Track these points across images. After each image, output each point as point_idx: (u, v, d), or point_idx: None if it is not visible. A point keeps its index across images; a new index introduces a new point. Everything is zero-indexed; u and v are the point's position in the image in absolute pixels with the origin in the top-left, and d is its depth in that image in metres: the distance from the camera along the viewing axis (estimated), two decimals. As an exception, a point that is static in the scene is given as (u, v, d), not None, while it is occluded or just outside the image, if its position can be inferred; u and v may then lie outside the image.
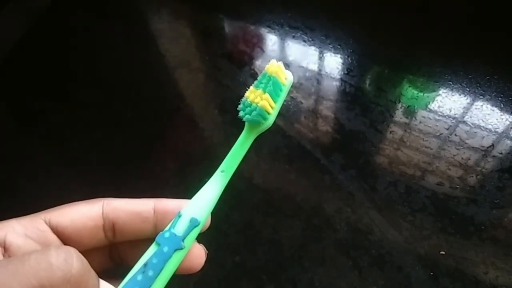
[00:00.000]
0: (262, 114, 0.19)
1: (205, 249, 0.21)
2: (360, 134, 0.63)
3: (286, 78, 0.21)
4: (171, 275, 0.19)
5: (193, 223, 0.19)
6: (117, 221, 0.19)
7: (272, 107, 0.20)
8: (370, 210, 0.56)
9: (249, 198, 0.58)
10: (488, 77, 0.66)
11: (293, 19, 0.78)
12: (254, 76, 0.71)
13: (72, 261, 0.16)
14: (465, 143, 0.61)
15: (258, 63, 0.73)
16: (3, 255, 0.17)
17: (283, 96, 0.20)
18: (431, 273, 0.50)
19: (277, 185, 0.59)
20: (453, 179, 0.58)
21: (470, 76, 0.67)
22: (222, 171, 0.21)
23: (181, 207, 0.20)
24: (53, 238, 0.19)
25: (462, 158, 0.59)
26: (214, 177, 0.20)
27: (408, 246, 0.53)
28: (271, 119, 0.20)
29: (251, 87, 0.20)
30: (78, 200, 0.20)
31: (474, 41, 0.72)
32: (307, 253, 0.53)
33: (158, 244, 0.19)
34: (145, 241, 0.20)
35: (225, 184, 0.20)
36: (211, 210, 0.20)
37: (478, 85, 0.66)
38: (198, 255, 0.21)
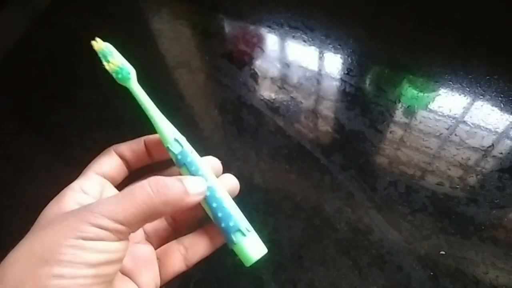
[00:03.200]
0: (124, 68, 0.28)
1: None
2: (360, 134, 0.63)
3: (106, 43, 0.29)
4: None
5: (179, 139, 0.28)
6: (127, 158, 0.30)
7: (121, 61, 0.28)
8: (370, 210, 0.56)
9: (249, 198, 0.58)
10: (488, 77, 0.66)
11: (293, 19, 0.78)
12: (254, 76, 0.71)
13: (166, 189, 0.23)
14: (465, 143, 0.61)
15: (258, 63, 0.73)
16: (89, 196, 0.26)
17: (116, 53, 0.28)
18: (431, 273, 0.50)
19: (277, 185, 0.59)
20: (453, 179, 0.58)
21: (470, 76, 0.67)
22: (147, 110, 0.29)
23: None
24: (105, 181, 0.28)
25: (462, 158, 0.59)
26: (151, 118, 0.29)
27: (408, 246, 0.53)
28: (129, 67, 0.29)
29: (104, 63, 0.28)
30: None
31: (474, 41, 0.72)
32: (307, 253, 0.53)
33: (182, 163, 0.28)
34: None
35: (159, 114, 0.29)
36: (172, 128, 0.28)
37: (478, 85, 0.66)
38: (232, 182, 0.30)
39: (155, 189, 0.22)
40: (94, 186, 0.26)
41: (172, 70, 0.76)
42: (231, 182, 0.30)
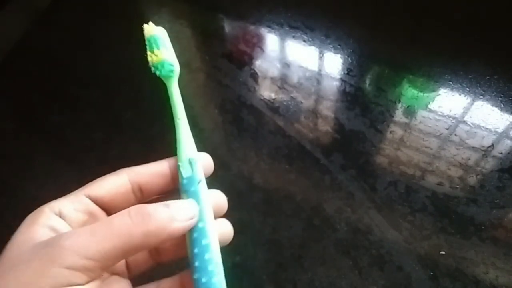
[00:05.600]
0: (169, 63, 0.25)
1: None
2: (360, 134, 0.63)
3: (161, 30, 0.25)
4: (209, 199, 0.24)
5: (192, 161, 0.24)
6: (142, 183, 0.24)
7: (170, 55, 0.25)
8: (370, 210, 0.56)
9: (249, 198, 0.58)
10: (488, 77, 0.66)
11: (293, 19, 0.78)
12: (254, 76, 0.71)
13: (148, 217, 0.20)
14: (465, 143, 0.61)
15: (258, 63, 0.73)
16: (65, 222, 0.22)
17: (169, 44, 0.25)
18: (431, 273, 0.50)
19: (277, 185, 0.59)
20: (453, 179, 0.58)
21: (470, 76, 0.67)
22: (178, 118, 0.25)
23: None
24: (95, 208, 0.23)
25: (462, 158, 0.59)
26: (177, 127, 0.25)
27: (408, 246, 0.53)
28: (176, 63, 0.25)
29: (148, 52, 0.25)
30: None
31: (474, 41, 0.72)
32: (307, 253, 0.53)
33: (186, 190, 0.24)
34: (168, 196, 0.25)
35: (187, 125, 0.25)
36: (194, 146, 0.25)
37: (478, 85, 0.66)
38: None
39: (136, 218, 0.19)
40: (76, 211, 0.22)
41: (172, 70, 0.76)
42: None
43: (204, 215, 0.23)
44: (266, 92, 0.69)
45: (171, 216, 0.21)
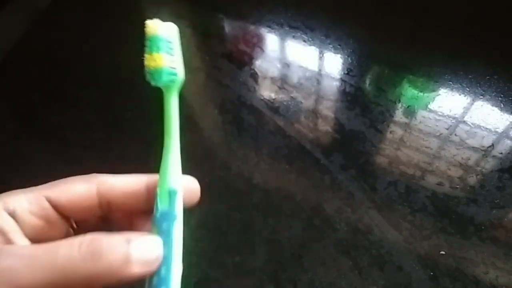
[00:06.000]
0: (170, 72, 0.20)
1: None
2: (360, 134, 0.63)
3: (170, 29, 0.21)
4: (181, 241, 0.20)
5: (173, 193, 0.20)
6: (112, 200, 0.21)
7: (173, 61, 0.20)
8: (370, 210, 0.56)
9: (249, 198, 0.58)
10: (488, 77, 0.66)
11: (293, 19, 0.78)
12: (254, 76, 0.71)
13: (99, 256, 0.17)
14: (465, 143, 0.61)
15: (258, 63, 0.73)
16: (16, 224, 0.19)
17: (176, 47, 0.21)
18: (431, 273, 0.50)
19: (277, 185, 0.59)
20: (453, 179, 0.58)
21: (470, 76, 0.67)
22: (168, 137, 0.21)
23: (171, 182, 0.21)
24: (54, 215, 0.20)
25: (462, 158, 0.59)
26: (165, 147, 0.21)
27: (408, 246, 0.53)
28: (180, 72, 0.21)
29: (146, 55, 0.20)
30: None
31: (474, 41, 0.72)
32: (307, 253, 0.53)
33: (156, 226, 0.20)
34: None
35: (177, 148, 0.21)
36: (179, 175, 0.21)
37: (478, 85, 0.66)
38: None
39: (86, 254, 0.16)
40: (31, 214, 0.19)
41: (172, 70, 0.76)
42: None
43: (171, 260, 0.19)
44: (266, 92, 0.69)
45: (127, 258, 0.17)
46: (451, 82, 0.67)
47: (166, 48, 0.20)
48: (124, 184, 0.21)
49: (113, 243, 0.17)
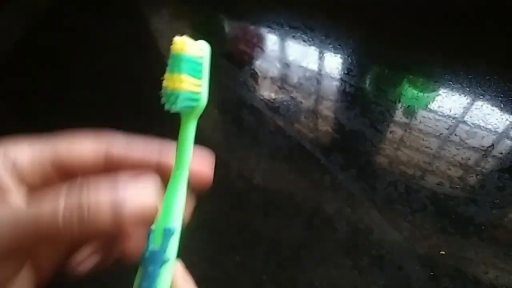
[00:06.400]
0: (190, 97, 0.18)
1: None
2: (360, 134, 0.63)
3: (201, 49, 0.18)
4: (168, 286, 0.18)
5: (168, 233, 0.18)
6: (121, 166, 0.19)
7: (197, 85, 0.18)
8: (370, 210, 0.56)
9: (249, 198, 0.58)
10: (488, 77, 0.66)
11: (293, 19, 0.78)
12: (254, 76, 0.71)
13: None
14: (465, 143, 0.61)
15: (258, 63, 0.73)
16: (13, 173, 0.17)
17: (204, 69, 0.18)
18: (431, 273, 0.50)
19: (277, 185, 0.59)
20: (453, 179, 0.58)
21: (470, 76, 0.67)
22: (178, 170, 0.19)
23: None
24: (54, 175, 0.18)
25: (462, 158, 0.59)
26: (172, 179, 0.19)
27: (408, 246, 0.53)
28: (202, 98, 0.18)
29: (166, 75, 0.18)
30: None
31: (474, 41, 0.72)
32: (307, 253, 0.53)
33: (143, 266, 0.18)
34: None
35: (185, 182, 0.19)
36: (182, 213, 0.19)
37: (478, 85, 0.66)
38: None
39: (70, 223, 0.15)
40: (32, 172, 0.18)
41: (172, 70, 0.76)
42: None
43: None
44: (266, 92, 0.69)
45: (117, 220, 0.15)
46: (451, 82, 0.67)
47: (190, 69, 0.18)
48: (136, 155, 0.19)
49: (99, 202, 0.15)
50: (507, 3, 0.75)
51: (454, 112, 0.64)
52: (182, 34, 0.18)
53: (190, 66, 0.17)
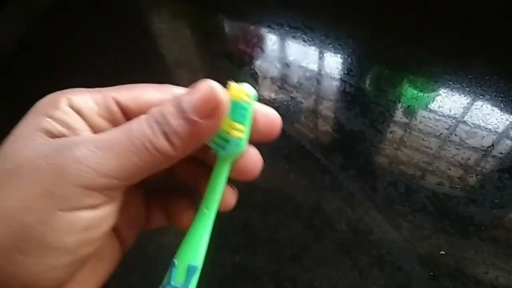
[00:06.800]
0: (236, 142, 0.18)
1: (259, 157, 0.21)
2: (360, 134, 0.63)
3: (249, 96, 0.18)
4: None
5: (192, 270, 0.18)
6: None
7: (242, 131, 0.18)
8: (370, 210, 0.56)
9: (249, 198, 0.58)
10: (488, 77, 0.66)
11: (293, 19, 0.78)
12: (254, 76, 0.71)
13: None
14: (465, 143, 0.61)
15: (258, 63, 0.73)
16: (85, 122, 0.17)
17: (249, 115, 0.18)
18: (431, 273, 0.50)
19: (277, 185, 0.59)
20: (453, 179, 0.58)
21: (470, 76, 0.67)
22: (207, 209, 0.19)
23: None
24: (122, 120, 0.18)
25: (462, 158, 0.59)
26: (199, 216, 0.19)
27: (408, 246, 0.53)
28: (243, 144, 0.19)
29: (226, 121, 0.18)
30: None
31: (474, 41, 0.72)
32: (307, 253, 0.53)
33: None
34: None
35: (213, 221, 0.19)
36: (205, 251, 0.19)
37: (478, 85, 0.66)
38: (253, 160, 0.20)
39: (155, 128, 0.16)
40: (99, 117, 0.17)
41: (172, 70, 0.76)
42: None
43: None
44: (266, 92, 0.69)
45: (190, 120, 0.16)
46: (451, 82, 0.67)
47: (239, 116, 0.18)
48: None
49: (171, 112, 0.16)
50: (507, 3, 0.75)
51: (454, 112, 0.64)
52: (236, 81, 0.18)
53: (239, 112, 0.18)
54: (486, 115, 0.63)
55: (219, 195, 0.19)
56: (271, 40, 0.77)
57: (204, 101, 0.16)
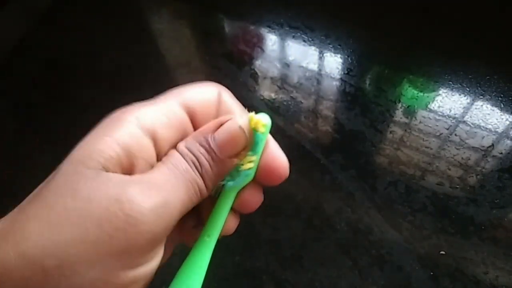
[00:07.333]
0: (245, 173, 0.18)
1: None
2: (360, 134, 0.63)
3: (265, 127, 0.17)
4: None
5: None
6: (230, 112, 0.19)
7: (252, 161, 0.18)
8: (370, 210, 0.56)
9: (249, 198, 0.58)
10: (488, 77, 0.66)
11: (293, 19, 0.78)
12: (254, 76, 0.71)
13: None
14: (465, 143, 0.61)
15: (258, 63, 0.73)
16: (154, 147, 0.17)
17: (261, 145, 0.18)
18: (431, 273, 0.50)
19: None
20: (453, 179, 0.58)
21: (470, 76, 0.67)
22: (208, 237, 0.19)
23: None
24: (190, 127, 0.18)
25: (462, 158, 0.59)
26: (200, 244, 0.19)
27: (408, 246, 0.53)
28: (252, 175, 0.18)
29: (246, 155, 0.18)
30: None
31: (474, 41, 0.72)
32: (307, 253, 0.53)
33: None
34: None
35: (213, 248, 0.19)
36: (203, 278, 0.19)
37: (478, 85, 0.66)
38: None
39: (191, 163, 0.16)
40: (168, 128, 0.17)
41: (172, 70, 0.76)
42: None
43: None
44: (266, 92, 0.69)
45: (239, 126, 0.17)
46: (451, 82, 0.67)
47: (253, 146, 0.17)
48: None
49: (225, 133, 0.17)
50: (506, 3, 0.75)
51: (454, 112, 0.64)
52: (255, 112, 0.18)
53: (260, 146, 0.17)
54: (486, 115, 0.63)
55: (221, 223, 0.19)
56: (271, 40, 0.77)
57: (232, 142, 0.17)
